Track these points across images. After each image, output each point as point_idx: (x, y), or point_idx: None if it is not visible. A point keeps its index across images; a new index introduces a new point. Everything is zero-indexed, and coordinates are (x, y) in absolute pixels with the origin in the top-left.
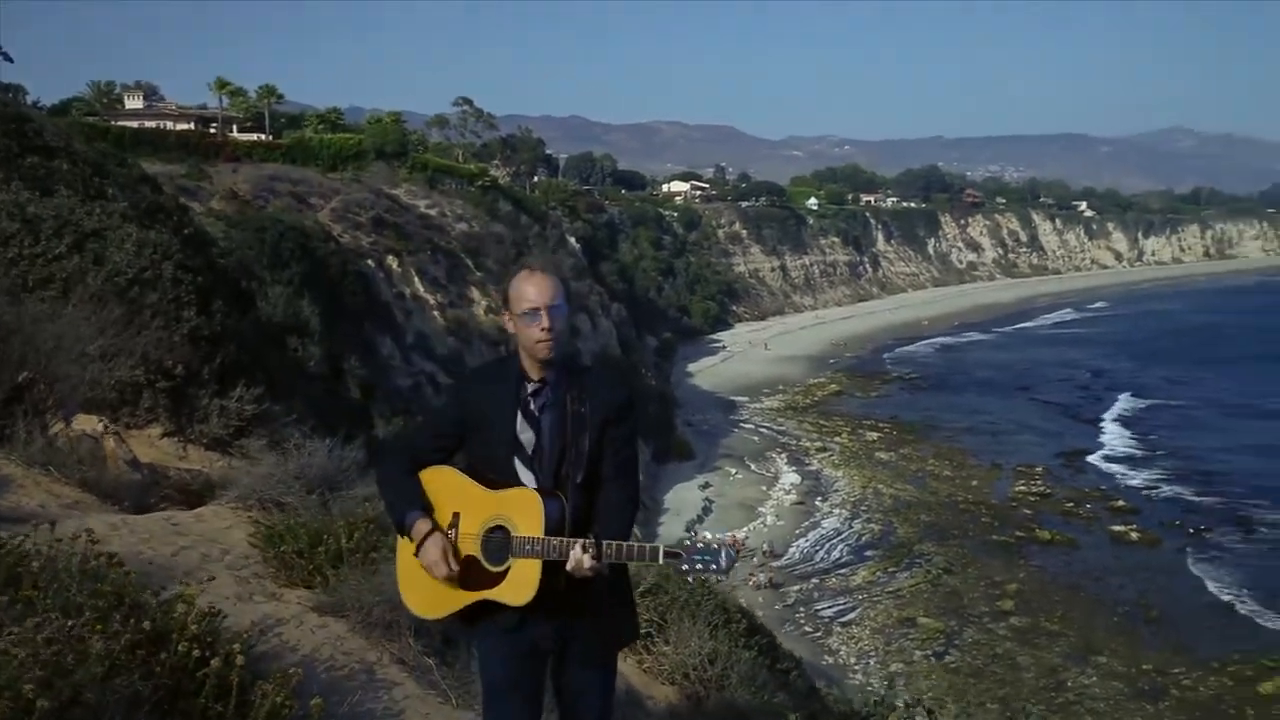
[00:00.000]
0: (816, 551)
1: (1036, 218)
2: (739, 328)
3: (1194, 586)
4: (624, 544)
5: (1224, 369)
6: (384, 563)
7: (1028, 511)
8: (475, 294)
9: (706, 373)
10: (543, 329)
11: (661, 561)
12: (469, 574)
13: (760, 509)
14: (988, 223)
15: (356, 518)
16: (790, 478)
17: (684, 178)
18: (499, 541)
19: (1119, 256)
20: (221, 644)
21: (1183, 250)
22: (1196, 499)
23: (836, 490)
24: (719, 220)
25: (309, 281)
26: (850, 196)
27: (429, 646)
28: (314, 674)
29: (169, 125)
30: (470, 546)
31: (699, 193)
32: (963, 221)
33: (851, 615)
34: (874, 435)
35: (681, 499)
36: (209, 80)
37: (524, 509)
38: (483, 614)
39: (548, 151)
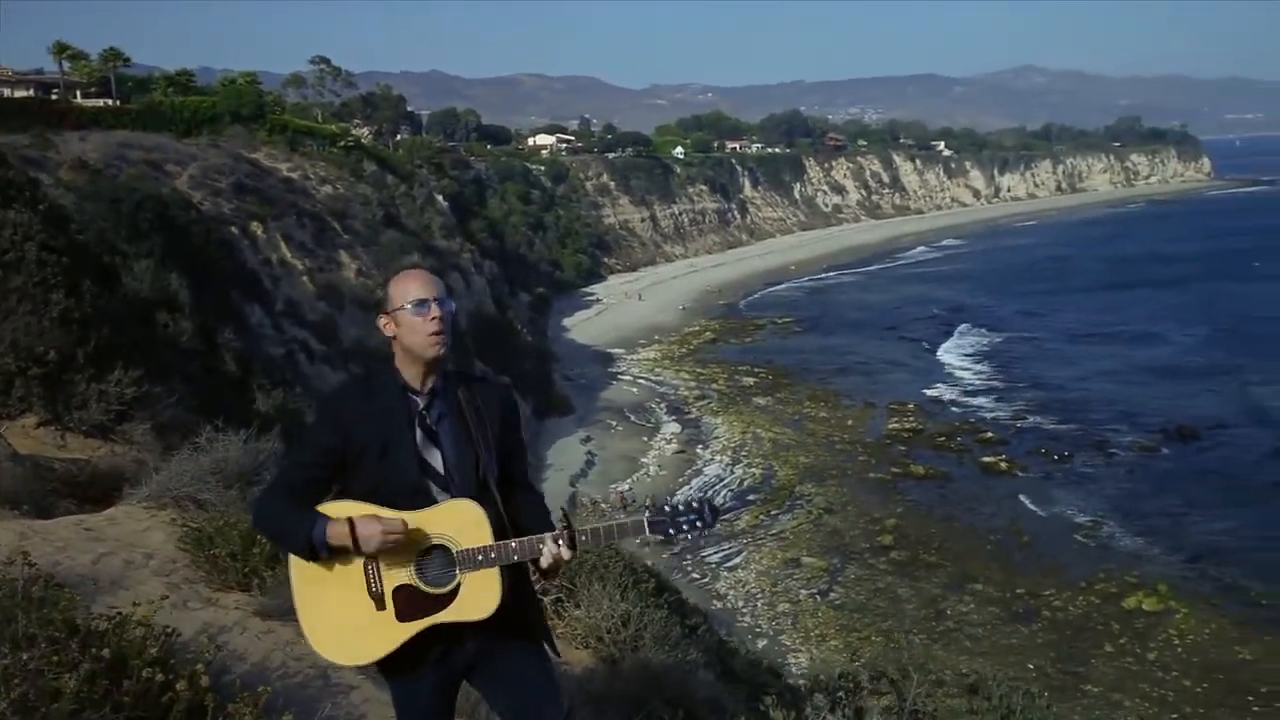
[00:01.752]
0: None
1: (897, 159)
2: (612, 280)
3: (1060, 511)
4: (600, 526)
5: (1075, 299)
6: None
7: (902, 448)
8: (344, 257)
9: (582, 326)
10: (433, 318)
11: (649, 534)
12: (407, 604)
13: (643, 460)
14: (851, 165)
15: None
16: (670, 427)
17: (549, 130)
18: (436, 561)
19: (977, 194)
20: (184, 665)
21: (1037, 186)
22: (1058, 427)
23: (716, 437)
24: (587, 172)
25: (171, 253)
26: (716, 144)
27: None
28: (268, 683)
29: (5, 92)
30: (401, 576)
31: (565, 145)
32: (827, 165)
33: (737, 560)
34: (750, 380)
35: (563, 454)
36: (47, 44)
37: (465, 521)
38: (400, 654)
39: (409, 108)
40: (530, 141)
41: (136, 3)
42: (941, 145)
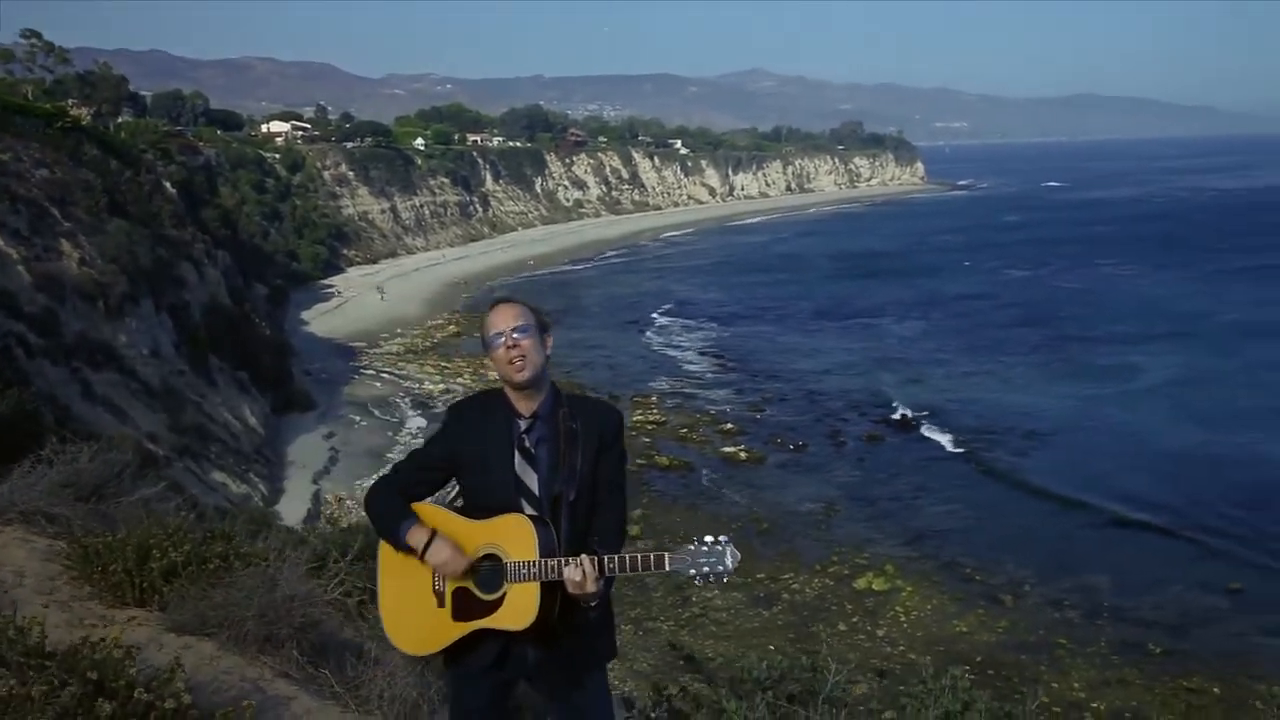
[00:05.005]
0: (448, 493)
1: (637, 155)
2: (351, 272)
3: (797, 497)
4: (624, 556)
5: (806, 293)
6: (225, 573)
7: (646, 439)
8: (66, 246)
9: (322, 319)
10: (509, 347)
11: (668, 569)
12: (462, 605)
13: (389, 455)
14: (592, 161)
15: (173, 527)
16: (416, 422)
17: (284, 117)
18: (491, 569)
19: (713, 192)
20: (161, 684)
21: (768, 185)
22: (793, 418)
23: None
24: (324, 161)
25: None
26: (457, 136)
27: (313, 657)
28: (203, 699)
29: None
30: (462, 578)
31: (301, 133)
32: (568, 160)
33: None
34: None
35: (305, 451)
36: None
37: (515, 535)
38: (462, 650)
39: (131, 89)
40: (264, 128)
41: None
42: (678, 144)
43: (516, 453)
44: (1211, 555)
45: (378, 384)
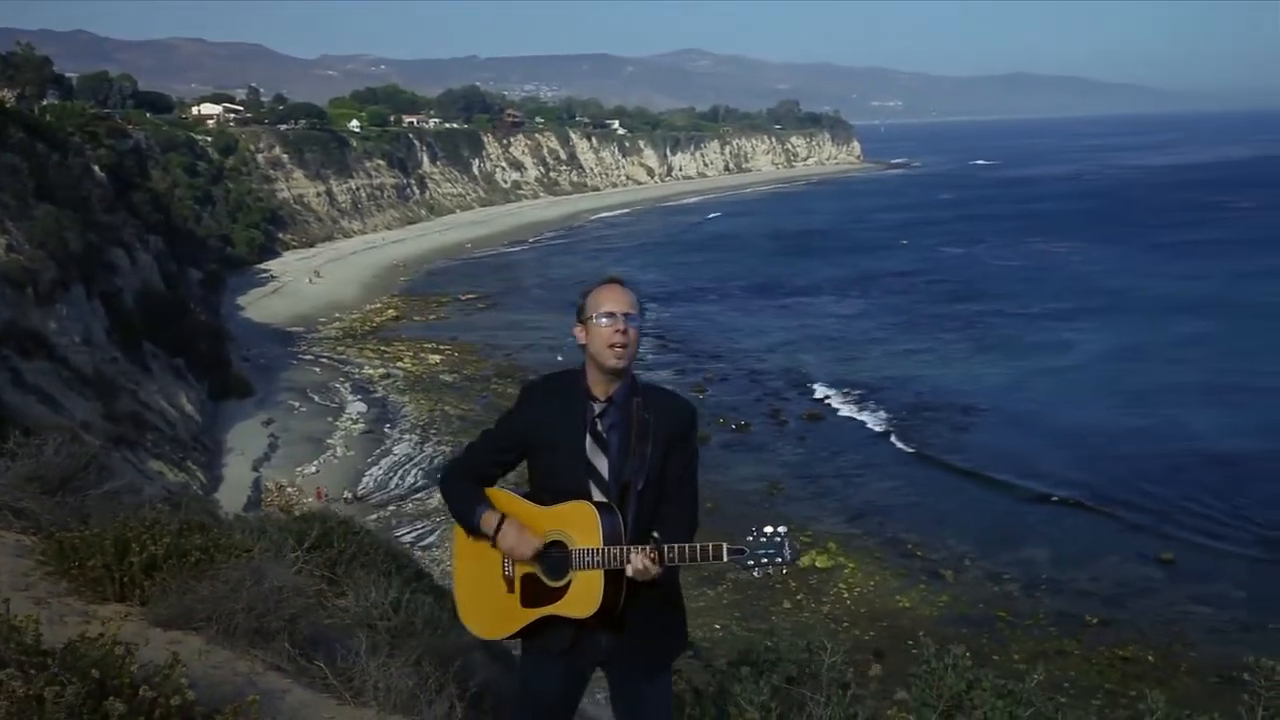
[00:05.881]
0: (390, 479)
1: (574, 136)
2: (287, 256)
3: (740, 477)
4: (684, 546)
5: (746, 272)
6: (208, 565)
7: None
8: None
9: (258, 304)
10: (618, 330)
11: (726, 559)
12: (530, 591)
13: (329, 441)
14: (529, 142)
15: (151, 519)
16: (356, 407)
17: (215, 99)
18: (557, 556)
19: (651, 172)
20: (164, 681)
21: (706, 165)
22: (736, 397)
23: (405, 416)
24: (257, 144)
25: None
26: (393, 118)
27: (304, 649)
28: (199, 692)
29: None
30: (529, 565)
31: (233, 115)
32: (505, 141)
33: (431, 538)
34: (436, 358)
35: (244, 437)
36: None
37: (580, 522)
38: (534, 635)
39: (55, 70)
40: (194, 110)
41: None
42: (616, 124)
43: (588, 435)
44: (1144, 528)
45: (316, 369)
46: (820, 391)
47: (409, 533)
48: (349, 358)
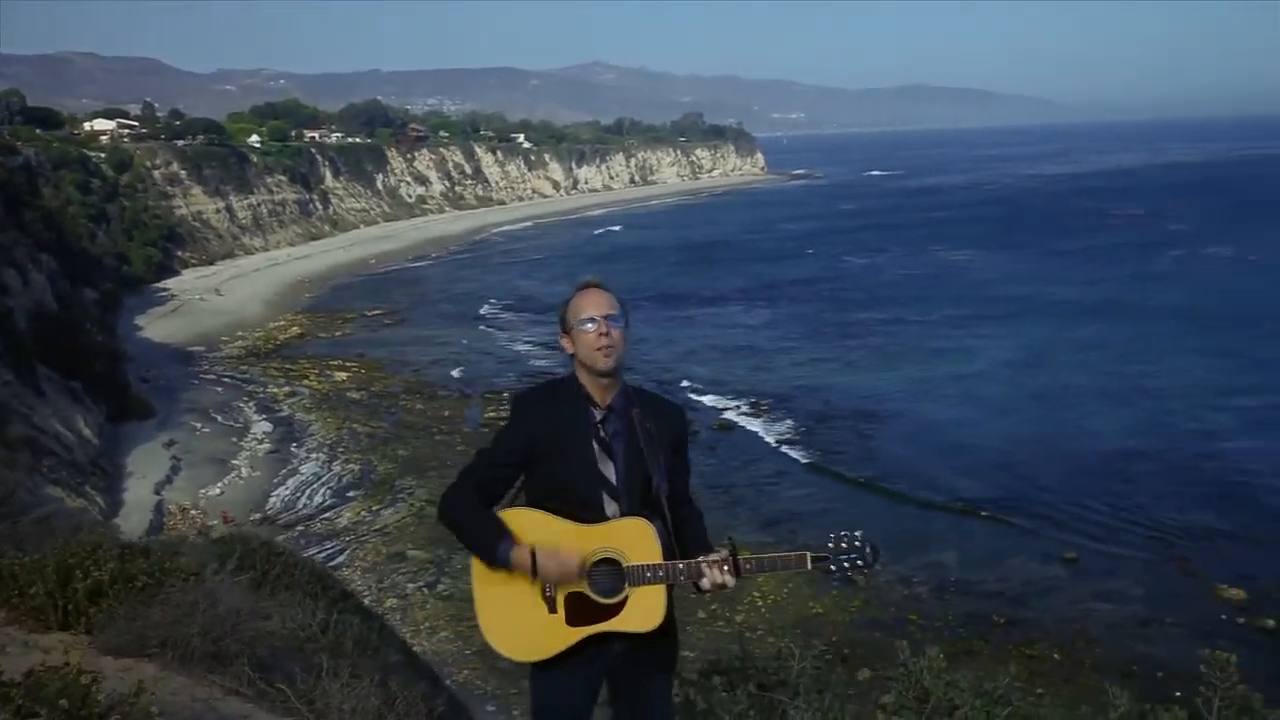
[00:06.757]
0: (298, 499)
1: (479, 150)
2: (186, 274)
3: None
4: (763, 556)
5: (652, 283)
6: (155, 590)
7: None
8: None
9: (157, 324)
10: (600, 334)
11: (810, 568)
12: (577, 609)
13: (234, 461)
14: (434, 156)
15: (92, 544)
16: (261, 426)
17: (108, 115)
18: (608, 573)
19: (557, 185)
20: (131, 710)
21: (612, 178)
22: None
23: (311, 434)
24: (154, 160)
25: None
26: (294, 133)
27: (263, 673)
28: None
29: None
30: (573, 584)
31: (128, 131)
32: (409, 156)
33: (341, 558)
34: (343, 375)
35: (145, 460)
36: None
37: (636, 538)
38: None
39: None
40: (87, 126)
41: None
42: (521, 138)
43: (594, 442)
44: (1048, 528)
45: (219, 389)
46: (730, 401)
47: (319, 553)
48: (253, 376)
